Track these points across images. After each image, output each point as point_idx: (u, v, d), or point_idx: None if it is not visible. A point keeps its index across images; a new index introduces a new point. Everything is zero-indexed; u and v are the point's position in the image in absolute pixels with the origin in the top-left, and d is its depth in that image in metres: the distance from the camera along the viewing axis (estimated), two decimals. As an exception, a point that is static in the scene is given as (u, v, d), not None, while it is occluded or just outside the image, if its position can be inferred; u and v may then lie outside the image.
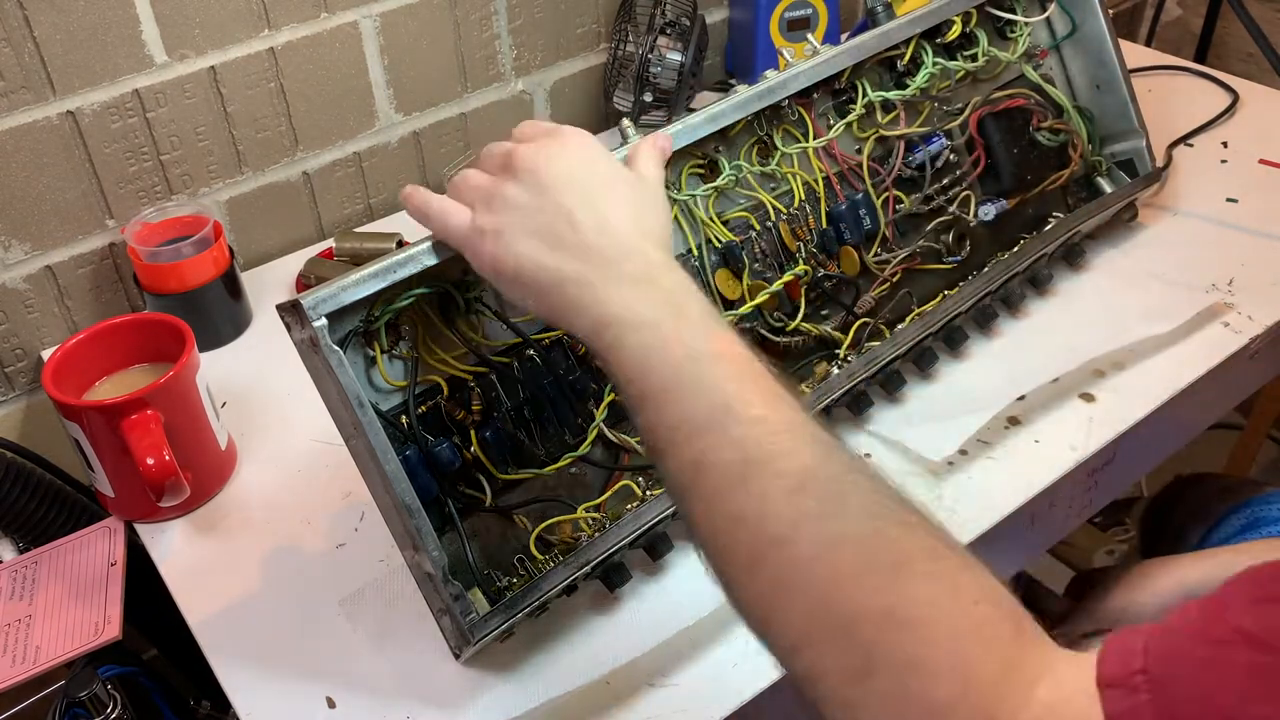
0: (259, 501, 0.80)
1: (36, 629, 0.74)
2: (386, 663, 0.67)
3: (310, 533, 0.77)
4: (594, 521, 0.68)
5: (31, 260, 0.94)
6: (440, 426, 0.64)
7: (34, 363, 0.97)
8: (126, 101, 0.93)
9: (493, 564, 0.66)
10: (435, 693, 0.65)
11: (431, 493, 0.62)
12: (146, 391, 0.74)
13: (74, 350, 0.79)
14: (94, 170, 0.94)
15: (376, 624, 0.70)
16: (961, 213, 0.89)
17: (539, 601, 0.63)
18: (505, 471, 0.66)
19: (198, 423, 0.79)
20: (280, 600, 0.72)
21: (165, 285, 0.92)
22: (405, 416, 0.63)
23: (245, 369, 0.93)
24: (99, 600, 0.75)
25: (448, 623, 0.62)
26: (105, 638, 0.72)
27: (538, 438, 0.68)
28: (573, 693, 0.65)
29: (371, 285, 0.59)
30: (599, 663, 0.66)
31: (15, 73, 0.87)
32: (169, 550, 0.77)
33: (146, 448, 0.72)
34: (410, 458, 0.61)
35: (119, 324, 0.82)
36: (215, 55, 0.96)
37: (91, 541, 0.80)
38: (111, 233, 0.97)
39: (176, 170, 0.98)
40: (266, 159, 1.04)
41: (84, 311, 0.98)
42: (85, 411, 0.74)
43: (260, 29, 0.98)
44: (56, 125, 0.90)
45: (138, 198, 0.97)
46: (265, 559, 0.75)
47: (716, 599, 0.69)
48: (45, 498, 0.82)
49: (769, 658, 0.46)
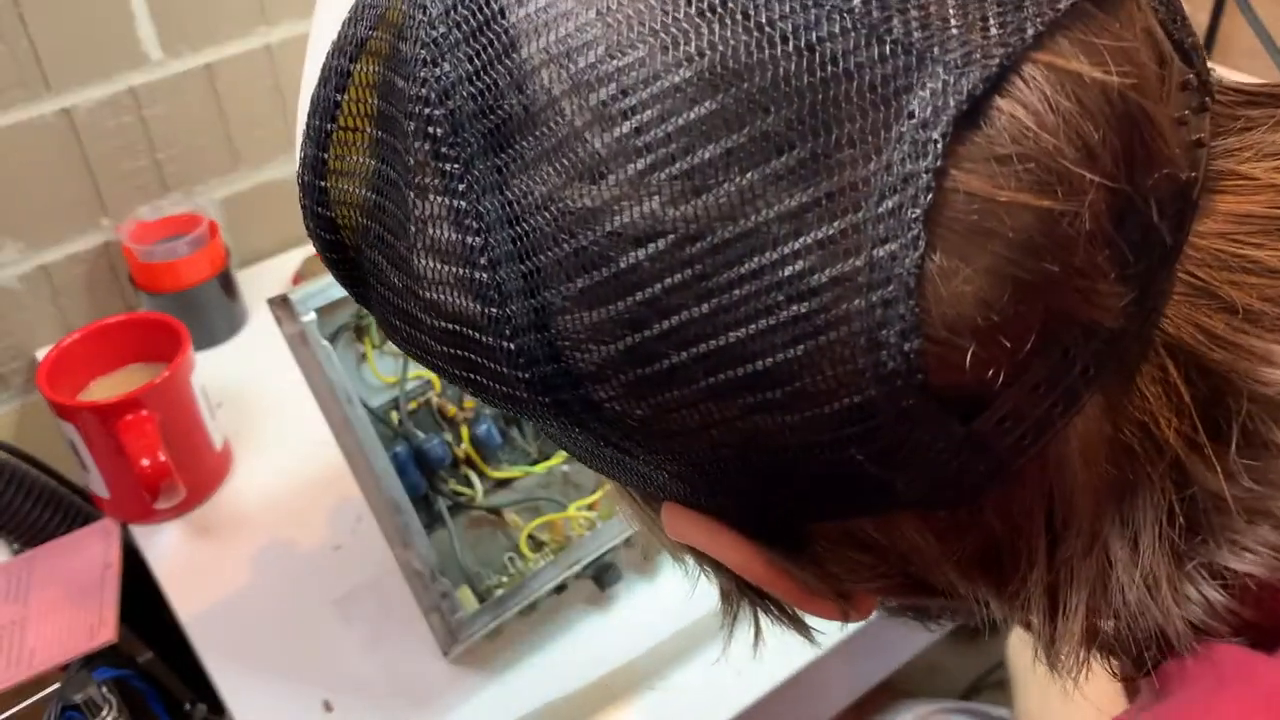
0: (255, 503, 0.83)
1: (31, 631, 0.76)
2: (383, 665, 0.70)
3: (306, 534, 0.79)
4: (586, 520, 0.71)
5: (26, 259, 0.97)
6: (432, 423, 0.67)
7: (28, 363, 1.00)
8: (122, 99, 0.96)
9: (483, 562, 0.68)
10: (430, 694, 0.67)
11: (420, 490, 0.64)
12: (141, 392, 0.76)
13: (69, 350, 0.82)
14: (89, 168, 0.97)
15: (373, 626, 0.72)
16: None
17: (528, 600, 0.65)
18: (496, 469, 0.68)
19: (193, 423, 0.81)
20: (276, 602, 0.75)
21: (160, 284, 0.95)
22: (396, 412, 0.65)
23: (241, 369, 0.95)
24: (94, 602, 0.77)
25: (436, 620, 0.64)
26: (100, 640, 0.74)
27: (529, 435, 0.70)
28: (568, 696, 0.67)
29: (361, 282, 0.62)
30: (595, 664, 0.69)
31: (10, 70, 0.90)
32: (164, 552, 0.80)
33: (141, 449, 0.74)
34: (400, 454, 0.63)
35: (114, 323, 0.85)
36: (211, 52, 0.99)
37: (86, 543, 0.82)
38: (106, 231, 1.00)
39: (172, 168, 1.01)
40: (263, 157, 1.06)
41: (78, 311, 1.01)
42: (80, 412, 0.77)
43: (257, 25, 1.01)
44: (51, 123, 0.93)
45: (133, 196, 1.00)
46: (261, 561, 0.78)
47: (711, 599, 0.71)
48: (40, 499, 0.84)
49: (767, 663, 0.47)
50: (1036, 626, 0.30)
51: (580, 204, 0.25)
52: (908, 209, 0.23)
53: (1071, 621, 0.30)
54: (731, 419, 0.26)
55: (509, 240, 0.26)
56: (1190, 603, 0.30)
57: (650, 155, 0.24)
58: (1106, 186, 0.24)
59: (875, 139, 0.23)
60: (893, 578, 0.31)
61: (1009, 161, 0.23)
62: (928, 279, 0.23)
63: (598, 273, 0.25)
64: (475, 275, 0.27)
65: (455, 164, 0.27)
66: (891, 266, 0.23)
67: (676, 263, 0.24)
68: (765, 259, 0.24)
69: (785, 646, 0.38)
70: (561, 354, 0.26)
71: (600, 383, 0.26)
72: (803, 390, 0.24)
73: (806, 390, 0.24)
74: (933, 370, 0.24)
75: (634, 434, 0.27)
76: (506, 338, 0.27)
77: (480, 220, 0.26)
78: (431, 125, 0.27)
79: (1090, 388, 0.26)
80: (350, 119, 0.30)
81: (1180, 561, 0.30)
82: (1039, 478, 0.27)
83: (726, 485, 0.28)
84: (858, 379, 0.24)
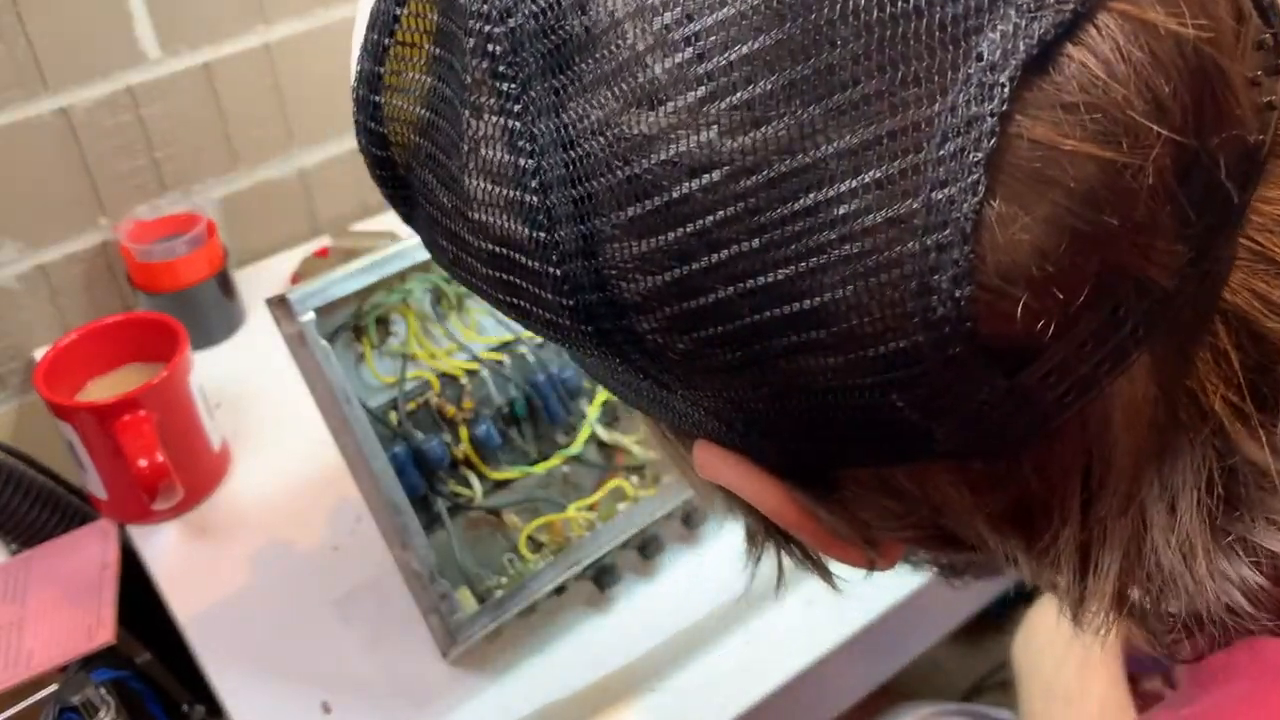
0: (253, 504, 0.83)
1: (28, 632, 0.76)
2: (382, 666, 0.70)
3: (305, 535, 0.80)
4: (585, 521, 0.71)
5: (23, 259, 0.97)
6: (430, 423, 0.67)
7: (26, 363, 1.00)
8: (120, 98, 0.96)
9: (482, 563, 0.68)
10: (429, 695, 0.68)
11: (419, 491, 0.64)
12: (139, 392, 0.76)
13: (66, 350, 0.82)
14: (87, 168, 0.97)
15: (372, 627, 0.72)
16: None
17: (528, 602, 0.65)
18: (496, 470, 0.68)
19: (191, 424, 0.81)
20: (275, 603, 0.75)
21: (158, 284, 0.95)
22: (394, 413, 0.65)
23: (239, 369, 0.96)
24: (92, 603, 0.77)
25: (435, 622, 0.64)
26: (98, 641, 0.75)
27: (529, 436, 0.70)
28: (568, 697, 0.67)
29: (361, 280, 0.62)
30: (595, 665, 0.69)
31: (7, 69, 0.90)
32: (162, 553, 0.80)
33: (139, 449, 0.74)
34: (398, 455, 0.63)
35: (112, 323, 0.85)
36: (209, 51, 0.99)
37: (84, 544, 0.82)
38: (104, 231, 1.00)
39: (170, 168, 1.01)
40: (261, 156, 1.07)
41: (76, 310, 1.01)
42: (77, 412, 0.77)
43: (255, 24, 1.01)
44: (49, 122, 0.94)
45: (131, 195, 1.00)
46: (259, 562, 0.78)
47: (711, 602, 0.72)
48: (37, 499, 0.84)
49: (767, 664, 0.46)
50: (1066, 584, 0.30)
51: (636, 130, 0.25)
52: (970, 152, 0.23)
53: (1103, 581, 0.29)
54: (774, 357, 0.26)
55: (562, 164, 0.26)
56: (1225, 579, 0.29)
57: (710, 84, 0.24)
58: (1174, 141, 0.23)
59: (941, 79, 0.23)
60: (922, 528, 0.30)
61: (1076, 110, 0.23)
62: (985, 225, 0.23)
63: (649, 202, 0.25)
64: (525, 198, 0.26)
65: (512, 84, 0.26)
66: (949, 210, 0.23)
67: (730, 195, 0.24)
68: (820, 196, 0.23)
69: (784, 648, 0.38)
70: (607, 283, 0.26)
71: (644, 314, 0.26)
72: (849, 332, 0.24)
73: (853, 332, 0.24)
74: (982, 318, 0.23)
75: (674, 368, 0.27)
76: (553, 263, 0.27)
77: (534, 142, 0.26)
78: (491, 43, 0.27)
79: (1139, 347, 0.26)
80: (409, 34, 0.30)
81: (1217, 533, 0.29)
82: (1079, 435, 0.27)
83: (763, 425, 0.28)
84: (905, 323, 0.24)
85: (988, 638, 1.19)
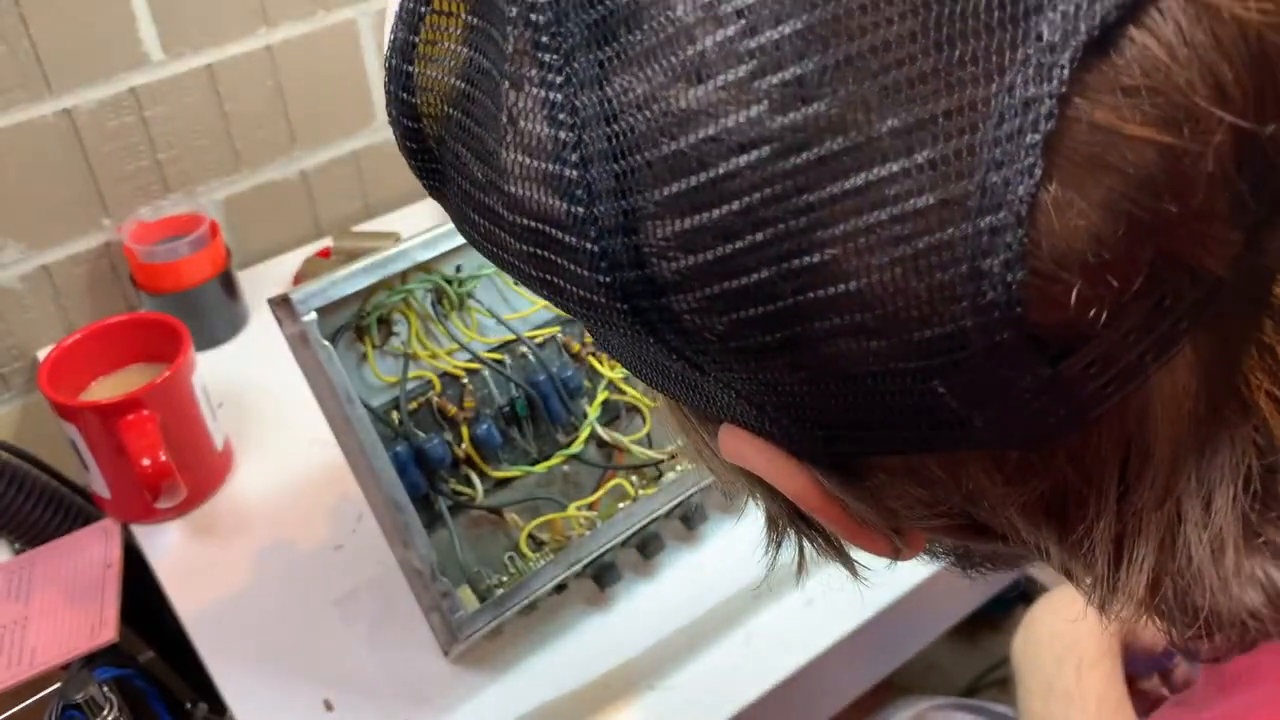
0: (256, 503, 0.84)
1: (32, 631, 0.77)
2: (384, 664, 0.70)
3: (308, 534, 0.80)
4: (586, 520, 0.72)
5: (27, 259, 0.98)
6: (432, 423, 0.68)
7: (30, 363, 1.01)
8: (123, 100, 0.97)
9: (483, 562, 0.69)
10: (431, 693, 0.68)
11: (421, 489, 0.65)
12: (142, 392, 0.77)
13: (70, 350, 0.83)
14: (90, 169, 0.98)
15: (374, 625, 0.73)
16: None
17: (528, 600, 0.66)
18: (497, 469, 0.69)
19: (194, 423, 0.82)
20: (277, 602, 0.75)
21: (161, 285, 0.96)
22: (396, 412, 0.66)
23: (242, 369, 0.96)
24: (95, 602, 0.78)
25: (436, 620, 0.65)
26: (101, 640, 0.75)
27: (530, 435, 0.71)
28: (568, 695, 0.68)
29: (363, 280, 0.62)
30: (595, 664, 0.69)
31: (11, 71, 0.91)
32: (165, 551, 0.81)
33: (142, 448, 0.75)
34: (400, 454, 0.64)
35: (115, 324, 0.86)
36: (212, 53, 1.00)
37: (87, 543, 0.83)
38: (108, 232, 1.01)
39: (173, 169, 1.02)
40: (264, 157, 1.07)
41: (80, 311, 1.02)
42: (81, 412, 0.78)
43: (257, 27, 1.01)
44: (53, 124, 0.94)
45: (134, 196, 1.01)
46: (262, 560, 0.79)
47: (711, 600, 0.72)
48: (41, 498, 0.85)
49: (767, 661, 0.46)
50: (1099, 573, 0.29)
51: (682, 105, 0.24)
52: (1027, 134, 0.22)
53: (1136, 574, 0.29)
54: (814, 341, 0.25)
55: (604, 139, 0.25)
56: (1252, 580, 0.29)
57: (761, 58, 0.23)
58: (1235, 128, 0.23)
59: (1000, 59, 0.22)
60: (951, 517, 0.30)
61: (1137, 94, 0.22)
62: (1040, 209, 0.22)
63: (693, 178, 0.24)
64: (565, 172, 0.26)
65: (555, 55, 0.26)
66: (1004, 193, 0.22)
67: (776, 173, 0.23)
68: (870, 176, 0.23)
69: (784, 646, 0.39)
70: (646, 261, 0.26)
71: (683, 293, 0.26)
72: (894, 315, 0.24)
73: (899, 316, 0.24)
74: (1032, 304, 0.23)
75: (709, 349, 0.27)
76: (591, 239, 0.26)
77: (575, 115, 0.26)
78: (535, 13, 0.26)
79: (1184, 337, 0.25)
80: (446, 2, 0.29)
81: (1249, 533, 0.29)
82: (1119, 426, 0.26)
83: (797, 409, 0.28)
84: (954, 307, 0.23)
85: (985, 635, 1.20)
